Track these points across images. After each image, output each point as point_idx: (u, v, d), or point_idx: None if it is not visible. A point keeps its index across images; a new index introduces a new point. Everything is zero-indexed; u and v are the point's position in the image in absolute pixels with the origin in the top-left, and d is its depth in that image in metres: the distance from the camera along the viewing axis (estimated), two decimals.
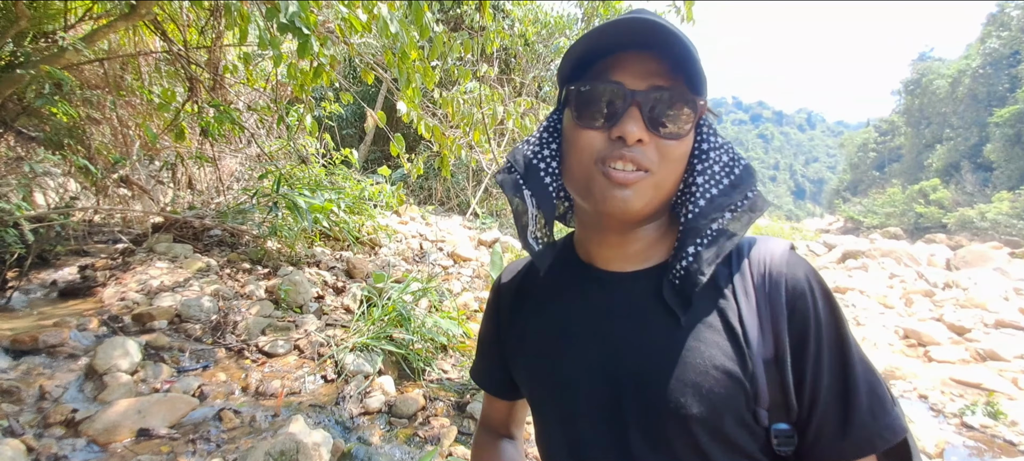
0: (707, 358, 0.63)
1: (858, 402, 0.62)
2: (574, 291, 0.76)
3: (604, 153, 0.64)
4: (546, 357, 0.75)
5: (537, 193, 0.73)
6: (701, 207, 0.67)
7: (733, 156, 0.70)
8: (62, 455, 2.08)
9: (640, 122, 0.62)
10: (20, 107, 4.87)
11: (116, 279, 3.77)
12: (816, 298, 0.65)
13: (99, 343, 2.77)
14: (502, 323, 0.87)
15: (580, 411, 0.70)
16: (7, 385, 2.36)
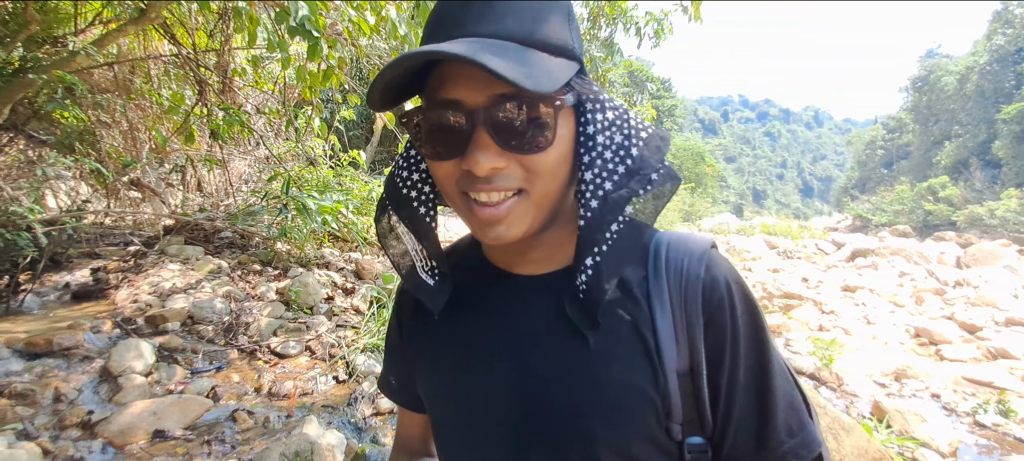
0: (615, 374, 0.58)
1: (775, 418, 0.59)
2: (479, 298, 0.68)
3: (463, 183, 0.56)
4: (448, 371, 0.68)
5: (415, 229, 0.65)
6: (594, 209, 0.57)
7: (628, 132, 0.59)
8: (78, 457, 2.10)
9: (490, 147, 0.52)
10: (31, 111, 4.92)
11: (129, 281, 3.79)
12: (735, 305, 0.60)
13: (113, 345, 2.79)
14: (404, 328, 0.78)
15: (481, 432, 0.64)
16: (22, 388, 2.38)
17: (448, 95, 0.53)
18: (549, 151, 0.54)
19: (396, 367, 0.82)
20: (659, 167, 0.58)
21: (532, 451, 0.60)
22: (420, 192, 0.65)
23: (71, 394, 2.42)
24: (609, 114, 0.58)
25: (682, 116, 44.70)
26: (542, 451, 0.60)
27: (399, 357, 0.80)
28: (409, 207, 0.65)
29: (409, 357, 0.76)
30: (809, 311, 8.13)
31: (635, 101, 14.42)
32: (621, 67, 11.96)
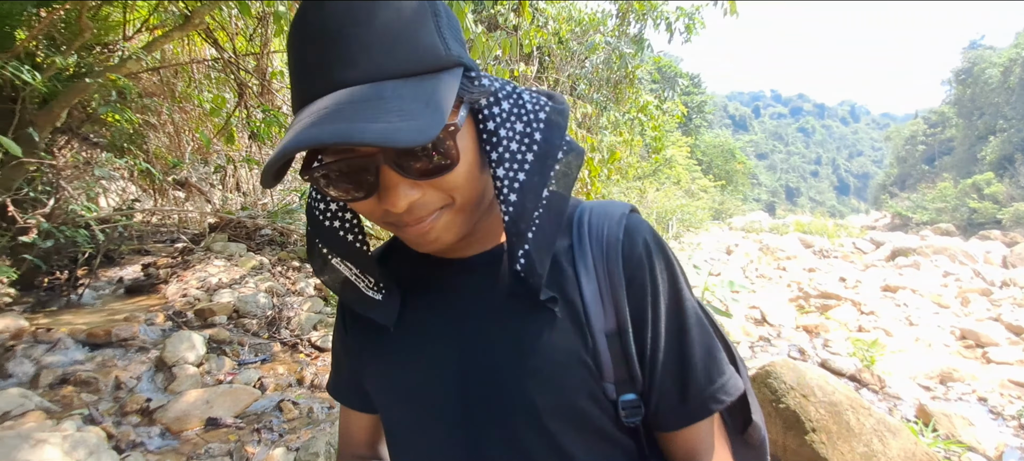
0: (548, 341, 0.59)
1: (695, 367, 0.62)
2: (419, 286, 0.68)
3: (385, 218, 0.56)
4: (394, 362, 0.67)
5: (344, 253, 0.63)
6: (515, 203, 0.57)
7: (528, 118, 0.59)
8: (139, 442, 2.22)
9: (400, 182, 0.51)
10: (85, 114, 5.17)
11: (177, 276, 3.97)
12: (653, 264, 0.62)
13: (167, 337, 2.92)
14: (347, 326, 0.76)
15: (425, 418, 0.65)
16: (86, 376, 2.52)
17: (341, 146, 0.50)
18: (458, 167, 0.53)
19: (343, 367, 0.80)
20: (562, 145, 0.59)
21: (481, 427, 0.62)
22: (342, 221, 0.63)
23: (130, 382, 2.56)
24: (504, 105, 0.58)
25: (712, 112, 43.89)
26: (490, 426, 0.61)
27: (345, 357, 0.78)
28: (335, 237, 0.63)
29: (355, 354, 0.74)
30: (848, 311, 7.90)
31: (665, 97, 14.23)
32: (649, 63, 11.82)
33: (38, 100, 4.09)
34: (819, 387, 2.94)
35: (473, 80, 0.55)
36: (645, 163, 15.91)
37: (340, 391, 0.82)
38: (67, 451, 1.82)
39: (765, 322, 6.66)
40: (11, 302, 3.20)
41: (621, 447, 0.63)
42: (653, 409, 0.63)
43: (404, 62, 0.49)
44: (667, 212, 15.37)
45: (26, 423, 2.04)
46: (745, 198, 41.04)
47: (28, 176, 3.85)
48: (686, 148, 22.54)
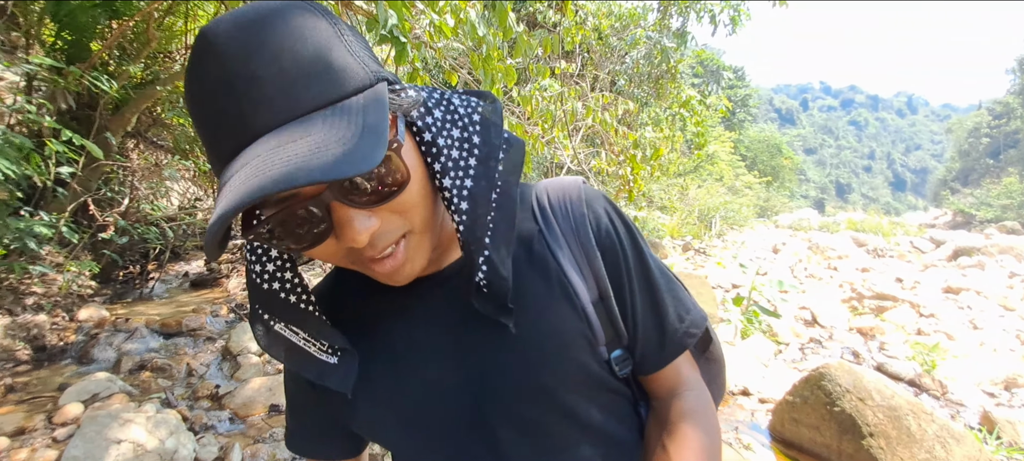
0: (548, 326, 0.62)
1: (666, 312, 0.68)
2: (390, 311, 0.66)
3: (349, 258, 0.53)
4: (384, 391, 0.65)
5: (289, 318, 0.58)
6: (466, 211, 0.55)
7: (463, 123, 0.57)
8: (210, 425, 2.38)
9: (356, 215, 0.48)
10: (152, 119, 5.52)
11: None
12: (618, 230, 0.67)
13: (231, 327, 3.11)
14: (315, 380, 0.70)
15: (437, 435, 0.64)
16: (161, 363, 2.72)
17: (284, 193, 0.45)
18: (411, 186, 0.51)
19: (308, 420, 0.73)
20: (502, 143, 0.58)
21: (496, 425, 0.62)
22: (282, 282, 0.58)
23: (200, 369, 2.74)
24: (437, 113, 0.56)
25: (756, 106, 42.49)
26: (506, 420, 0.62)
27: (312, 408, 0.72)
28: (276, 301, 0.58)
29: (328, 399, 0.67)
30: (905, 314, 7.52)
31: (708, 91, 13.89)
32: (692, 57, 11.57)
33: (111, 106, 4.39)
34: (877, 391, 2.85)
35: (399, 92, 0.51)
36: (686, 159, 15.58)
37: (305, 444, 0.75)
38: (151, 430, 1.98)
39: (816, 323, 6.43)
40: (92, 294, 3.47)
41: (622, 395, 0.70)
42: (638, 357, 0.69)
43: (325, 91, 0.44)
44: (710, 209, 15.01)
45: (113, 404, 2.22)
46: (792, 195, 39.54)
47: (105, 177, 4.15)
48: (729, 143, 21.92)
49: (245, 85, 0.43)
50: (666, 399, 0.71)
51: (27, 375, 2.51)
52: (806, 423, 2.99)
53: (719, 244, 13.21)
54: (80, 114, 4.13)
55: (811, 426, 2.97)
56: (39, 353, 2.72)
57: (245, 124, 0.43)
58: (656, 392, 0.73)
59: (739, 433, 3.23)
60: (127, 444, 1.88)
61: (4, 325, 2.70)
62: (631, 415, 0.72)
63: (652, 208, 12.76)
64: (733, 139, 23.95)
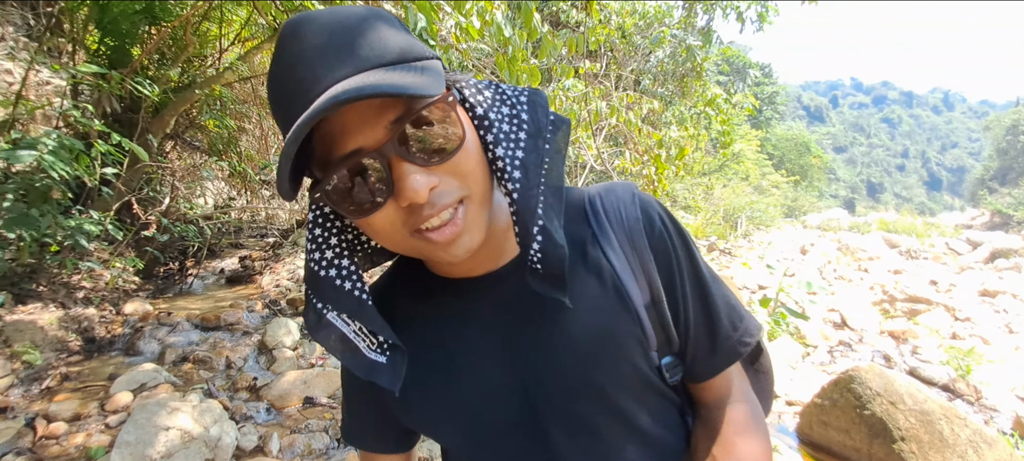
0: (601, 327, 0.63)
1: (720, 319, 0.68)
2: (444, 312, 0.67)
3: (409, 223, 0.54)
4: (439, 392, 0.66)
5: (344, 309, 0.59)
6: (519, 180, 0.56)
7: (510, 100, 0.60)
8: (249, 415, 2.48)
9: (415, 171, 0.50)
10: (188, 121, 5.72)
11: (270, 268, 4.33)
12: (672, 235, 0.67)
13: (266, 322, 3.22)
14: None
15: (491, 432, 0.65)
16: (202, 355, 2.84)
17: (345, 149, 0.50)
18: (466, 147, 0.53)
19: (363, 412, 0.76)
20: (549, 121, 0.60)
21: (550, 429, 0.63)
22: (339, 269, 0.59)
23: (238, 362, 2.85)
24: (487, 93, 0.59)
25: (784, 104, 41.60)
26: (559, 419, 0.63)
27: (368, 402, 0.74)
28: (332, 288, 0.59)
29: (386, 398, 0.70)
30: (940, 317, 7.31)
31: (735, 89, 13.70)
32: (717, 54, 11.42)
33: (151, 109, 4.58)
34: (909, 395, 2.80)
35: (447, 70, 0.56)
36: (711, 158, 15.36)
37: (358, 434, 0.78)
38: (196, 418, 2.08)
39: (845, 326, 6.30)
40: (136, 289, 3.63)
41: (670, 401, 0.71)
42: (689, 364, 0.70)
43: (388, 55, 0.50)
44: (735, 209, 14.79)
45: (159, 394, 2.34)
46: (821, 194, 38.61)
47: (147, 177, 4.33)
48: (756, 142, 21.53)
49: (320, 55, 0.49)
50: (716, 408, 0.71)
51: (79, 365, 2.66)
52: (835, 426, 2.96)
53: (745, 244, 13.00)
54: (123, 117, 4.32)
55: (840, 429, 2.93)
56: (89, 344, 2.87)
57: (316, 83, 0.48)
58: (705, 400, 0.73)
59: None
60: (175, 431, 1.99)
61: (58, 317, 2.86)
62: (679, 422, 0.72)
63: (676, 208, 12.64)
64: (760, 137, 23.51)
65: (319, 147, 0.52)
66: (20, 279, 3.03)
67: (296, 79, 0.49)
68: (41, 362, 2.60)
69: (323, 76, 0.48)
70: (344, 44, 0.49)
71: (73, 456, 2.00)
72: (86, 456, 1.99)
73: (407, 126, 0.50)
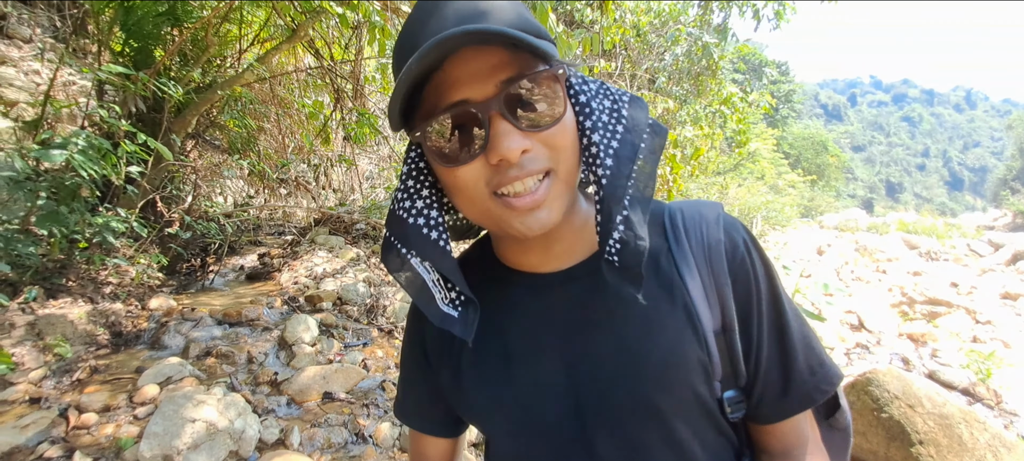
0: (663, 343, 0.61)
1: (797, 361, 0.64)
2: (508, 303, 0.68)
3: (493, 182, 0.55)
4: (492, 381, 0.67)
5: (430, 257, 0.60)
6: (610, 167, 0.57)
7: (613, 96, 0.62)
8: (271, 409, 2.54)
9: (512, 131, 0.52)
10: (208, 120, 5.83)
11: (288, 266, 4.40)
12: (755, 262, 0.64)
13: (286, 319, 3.29)
14: (429, 350, 0.75)
15: (538, 431, 0.65)
16: (224, 350, 2.91)
17: (453, 98, 0.53)
18: (563, 123, 0.55)
19: (417, 391, 0.78)
20: (648, 122, 0.61)
21: (597, 433, 0.62)
22: (427, 218, 0.61)
23: (259, 357, 2.91)
24: (592, 85, 0.61)
25: (801, 102, 41.03)
26: (608, 430, 0.62)
27: (422, 381, 0.77)
28: (419, 235, 0.61)
29: (441, 379, 0.73)
30: (960, 320, 7.19)
31: (751, 88, 13.54)
32: (733, 53, 11.31)
33: (174, 109, 4.68)
34: (928, 398, 2.78)
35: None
36: (726, 157, 15.22)
37: (412, 415, 0.80)
38: (221, 411, 2.14)
39: (862, 328, 6.23)
40: (160, 284, 3.72)
41: (727, 439, 0.66)
42: (755, 403, 0.65)
43: (512, 23, 0.54)
44: (750, 209, 14.65)
45: (185, 387, 2.41)
46: (838, 194, 38.05)
47: (170, 176, 4.43)
48: (772, 141, 21.29)
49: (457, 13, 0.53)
50: (781, 458, 0.67)
51: (108, 358, 2.74)
52: (852, 429, 2.95)
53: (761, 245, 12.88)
54: (146, 117, 4.42)
55: (857, 432, 2.92)
56: (116, 338, 2.95)
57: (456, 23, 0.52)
58: (770, 447, 0.68)
59: None
60: (201, 423, 2.05)
61: (87, 312, 2.95)
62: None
63: None
64: (776, 136, 23.23)
65: (429, 97, 0.54)
66: (51, 274, 3.12)
67: (429, 32, 0.52)
68: (71, 355, 2.69)
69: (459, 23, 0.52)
70: (478, 9, 0.53)
71: (104, 446, 2.07)
72: (116, 446, 2.06)
73: (514, 87, 0.52)
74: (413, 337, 0.77)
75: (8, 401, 2.28)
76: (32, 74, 4.76)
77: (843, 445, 0.77)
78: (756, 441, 0.69)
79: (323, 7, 4.58)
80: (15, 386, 2.36)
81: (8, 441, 1.98)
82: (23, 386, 2.37)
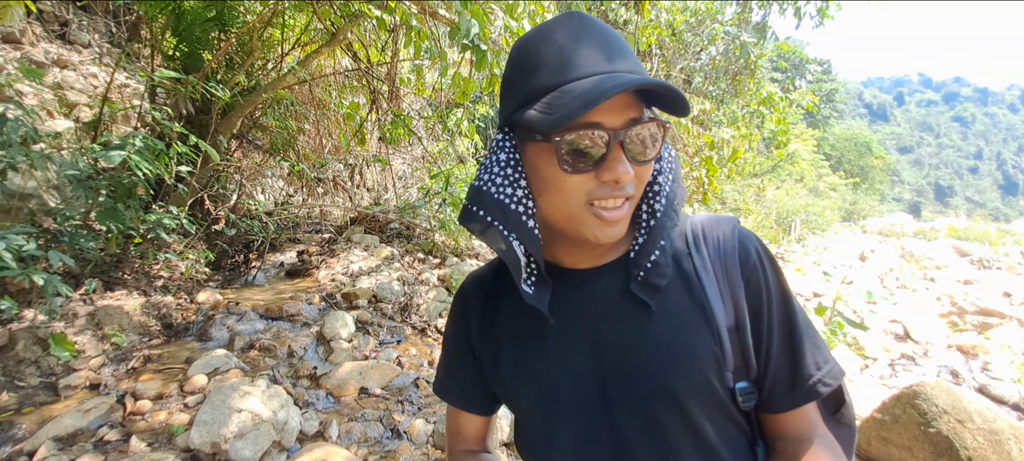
0: (684, 337, 0.69)
1: (804, 357, 0.72)
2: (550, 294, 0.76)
3: (595, 194, 0.64)
4: (528, 361, 0.75)
5: (526, 240, 0.69)
6: (664, 206, 0.72)
7: (670, 151, 0.75)
8: (310, 402, 2.63)
9: (624, 160, 0.63)
10: (252, 122, 6.05)
11: (326, 263, 4.53)
12: (765, 268, 0.73)
13: (324, 315, 3.39)
14: (472, 333, 0.84)
15: (567, 411, 0.72)
16: (267, 343, 3.02)
17: (592, 119, 0.61)
18: (652, 165, 0.67)
19: (459, 370, 0.87)
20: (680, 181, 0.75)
21: (619, 415, 0.70)
22: (525, 207, 0.69)
23: (299, 351, 3.02)
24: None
25: (843, 101, 39.57)
26: (629, 413, 0.70)
27: (464, 360, 0.86)
28: (518, 220, 0.69)
29: (481, 359, 0.83)
30: (1013, 332, 6.81)
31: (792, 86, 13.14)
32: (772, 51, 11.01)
33: (220, 111, 4.87)
34: (978, 413, 2.66)
35: None
36: (764, 159, 14.82)
37: (451, 391, 0.90)
38: (265, 402, 2.23)
39: (908, 338, 5.97)
40: (207, 279, 3.89)
41: (739, 427, 0.74)
42: (766, 394, 0.73)
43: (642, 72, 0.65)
44: (789, 212, 14.22)
45: (230, 378, 2.52)
46: (883, 198, 36.53)
47: (217, 175, 4.63)
48: (812, 142, 20.61)
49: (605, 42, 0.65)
50: (796, 443, 0.74)
51: (160, 348, 2.89)
52: (897, 443, 2.84)
53: (799, 249, 12.49)
54: (194, 119, 4.62)
55: (902, 447, 2.81)
56: (167, 329, 3.11)
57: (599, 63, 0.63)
58: (785, 434, 0.76)
59: None
60: (247, 413, 2.14)
61: (141, 304, 3.11)
62: (746, 450, 0.75)
63: (725, 209, 12.28)
64: (816, 137, 22.47)
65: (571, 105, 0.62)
66: (108, 268, 3.31)
67: (582, 52, 0.63)
68: (127, 344, 2.85)
69: (610, 60, 0.63)
70: (623, 47, 0.65)
71: (157, 431, 2.19)
72: (168, 432, 2.17)
73: (637, 127, 0.63)
74: (458, 325, 0.87)
75: (71, 386, 2.43)
76: (90, 77, 5.05)
77: (850, 440, 0.84)
78: (772, 429, 0.76)
79: (362, 10, 4.70)
80: (78, 372, 2.52)
81: (73, 424, 2.11)
82: (84, 373, 2.53)
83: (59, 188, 3.45)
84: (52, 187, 3.44)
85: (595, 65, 0.62)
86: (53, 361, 2.55)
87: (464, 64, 5.53)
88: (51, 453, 1.97)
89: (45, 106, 4.41)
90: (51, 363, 2.54)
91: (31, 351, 2.54)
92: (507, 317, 0.79)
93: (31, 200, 3.24)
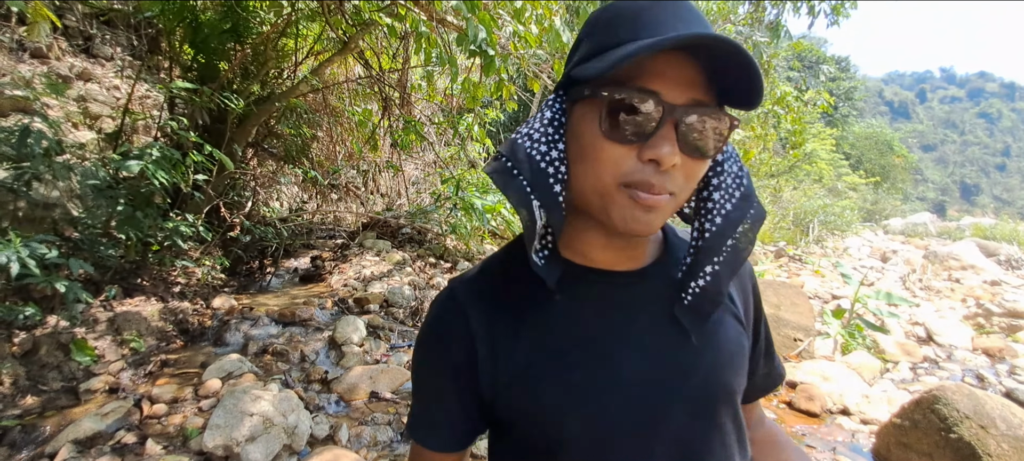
0: (730, 337, 0.71)
1: (774, 354, 0.85)
2: (573, 294, 0.67)
3: (632, 175, 0.56)
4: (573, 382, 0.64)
5: (547, 205, 0.61)
6: (718, 225, 0.64)
7: (740, 163, 0.68)
8: (321, 406, 2.66)
9: (676, 144, 0.55)
10: (267, 130, 6.16)
11: (338, 269, 4.59)
12: (755, 279, 0.82)
13: (336, 319, 3.43)
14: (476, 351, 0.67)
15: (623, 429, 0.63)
16: (280, 348, 3.07)
17: (649, 84, 0.54)
18: (707, 162, 0.59)
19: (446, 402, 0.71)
20: (756, 201, 0.67)
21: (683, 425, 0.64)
22: (557, 171, 0.62)
23: (311, 356, 3.05)
24: (729, 146, 0.67)
25: (863, 99, 38.83)
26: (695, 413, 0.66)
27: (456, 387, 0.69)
28: (545, 182, 0.61)
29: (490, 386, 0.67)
30: None
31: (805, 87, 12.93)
32: (786, 50, 10.85)
33: (236, 120, 4.97)
34: (1002, 418, 2.58)
35: None
36: (780, 159, 14.61)
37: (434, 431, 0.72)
38: (276, 406, 2.27)
39: (931, 341, 5.82)
40: (222, 285, 3.97)
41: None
42: (749, 386, 0.79)
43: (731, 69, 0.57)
44: (807, 213, 13.99)
45: (244, 382, 2.56)
46: (905, 197, 35.72)
47: (232, 183, 4.72)
48: (830, 141, 20.26)
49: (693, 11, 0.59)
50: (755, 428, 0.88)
51: (177, 353, 2.95)
52: (917, 449, 2.77)
53: (817, 251, 12.27)
54: (211, 128, 4.72)
55: (923, 453, 2.74)
56: (184, 334, 3.17)
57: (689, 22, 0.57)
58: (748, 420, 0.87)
59: (838, 454, 3.05)
60: (258, 417, 2.17)
61: (158, 310, 3.18)
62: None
63: None
64: (835, 136, 22.07)
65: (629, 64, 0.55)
66: (127, 274, 3.39)
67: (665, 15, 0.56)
68: (144, 349, 2.91)
69: (690, 21, 0.57)
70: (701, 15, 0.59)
71: (172, 434, 2.23)
72: (183, 435, 2.22)
73: (699, 111, 0.55)
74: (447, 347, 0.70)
75: (91, 390, 2.50)
76: (112, 89, 5.19)
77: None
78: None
79: (373, 18, 4.76)
80: (97, 376, 2.59)
81: (92, 427, 2.17)
82: (103, 377, 2.60)
83: (81, 198, 3.55)
84: (74, 197, 3.54)
85: (674, 28, 0.55)
86: (74, 366, 2.62)
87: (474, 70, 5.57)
88: (71, 456, 2.03)
89: (70, 118, 4.55)
90: (72, 367, 2.61)
91: (53, 356, 2.61)
92: (531, 329, 0.65)
93: (55, 209, 3.34)
